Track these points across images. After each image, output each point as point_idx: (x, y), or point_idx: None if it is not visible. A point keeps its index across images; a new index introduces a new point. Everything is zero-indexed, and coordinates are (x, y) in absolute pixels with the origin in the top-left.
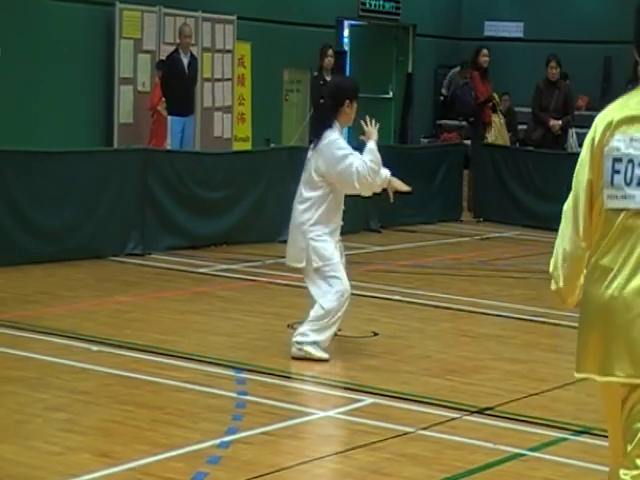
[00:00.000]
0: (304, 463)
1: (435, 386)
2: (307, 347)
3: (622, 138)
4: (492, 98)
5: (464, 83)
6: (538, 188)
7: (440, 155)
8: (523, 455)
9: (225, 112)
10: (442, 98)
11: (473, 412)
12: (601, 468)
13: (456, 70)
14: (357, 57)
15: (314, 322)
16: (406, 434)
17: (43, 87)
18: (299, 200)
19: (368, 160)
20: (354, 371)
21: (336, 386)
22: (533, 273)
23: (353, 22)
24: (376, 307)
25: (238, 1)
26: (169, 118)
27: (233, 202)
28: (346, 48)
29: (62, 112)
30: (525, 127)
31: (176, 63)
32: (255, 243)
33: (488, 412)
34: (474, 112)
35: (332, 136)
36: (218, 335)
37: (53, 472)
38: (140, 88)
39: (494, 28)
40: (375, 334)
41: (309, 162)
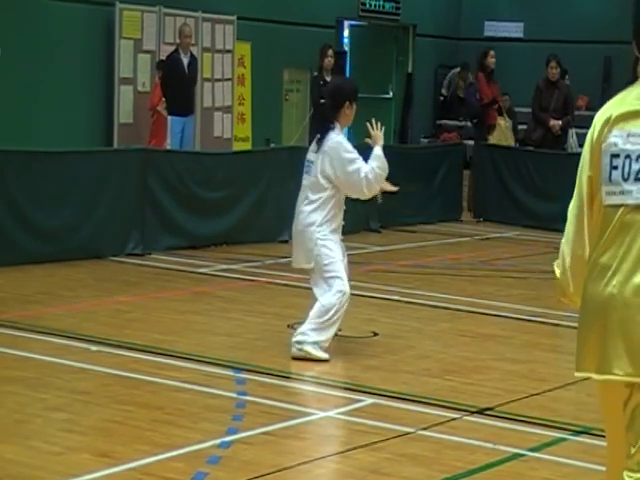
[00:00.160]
0: (304, 463)
1: (435, 386)
2: (307, 347)
3: (620, 134)
4: (498, 100)
5: (469, 84)
6: (538, 188)
7: (440, 155)
8: (523, 455)
9: (225, 112)
10: (442, 98)
11: (473, 412)
12: (601, 468)
13: (456, 71)
14: (357, 57)
15: (314, 321)
16: (406, 434)
17: (43, 87)
18: (305, 202)
19: (376, 167)
20: (354, 371)
21: (336, 386)
22: (533, 273)
23: (353, 22)
24: (376, 307)
25: (238, 1)
26: (169, 118)
27: (233, 202)
28: (346, 48)
29: (62, 112)
30: (525, 127)
31: (176, 63)
32: (255, 243)
33: (488, 412)
34: (478, 113)
35: (337, 138)
36: (218, 335)
37: (53, 472)
38: (140, 88)
39: (494, 28)
40: (375, 334)
41: (314, 165)
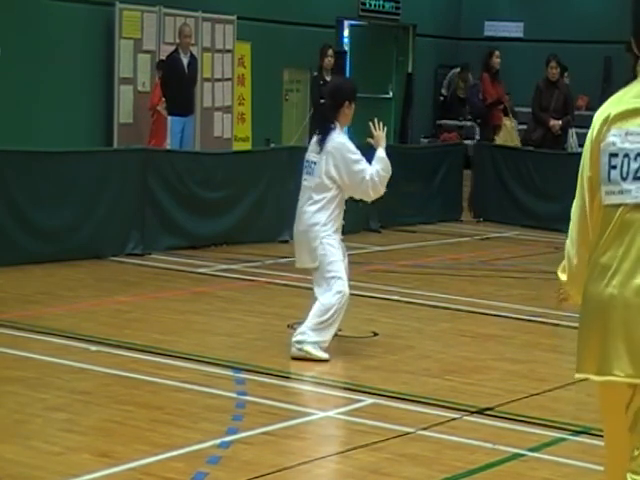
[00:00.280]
0: (304, 463)
1: (435, 386)
2: (307, 347)
3: (618, 133)
4: (503, 100)
5: (473, 84)
6: (538, 188)
7: (440, 155)
8: (523, 455)
9: (225, 112)
10: (442, 98)
11: (473, 412)
12: (600, 468)
13: (456, 71)
14: (357, 57)
15: (314, 321)
16: (406, 434)
17: (43, 87)
18: (309, 203)
19: (380, 169)
20: (354, 371)
21: (336, 386)
22: (533, 273)
23: (353, 22)
24: (376, 307)
25: (238, 1)
26: (169, 118)
27: (233, 202)
28: (346, 48)
29: (62, 112)
30: (525, 127)
31: (176, 63)
32: (255, 243)
33: (488, 412)
34: (482, 114)
35: (340, 138)
36: (218, 335)
37: (53, 472)
38: (140, 88)
39: (494, 28)
40: (375, 334)
41: (317, 165)
